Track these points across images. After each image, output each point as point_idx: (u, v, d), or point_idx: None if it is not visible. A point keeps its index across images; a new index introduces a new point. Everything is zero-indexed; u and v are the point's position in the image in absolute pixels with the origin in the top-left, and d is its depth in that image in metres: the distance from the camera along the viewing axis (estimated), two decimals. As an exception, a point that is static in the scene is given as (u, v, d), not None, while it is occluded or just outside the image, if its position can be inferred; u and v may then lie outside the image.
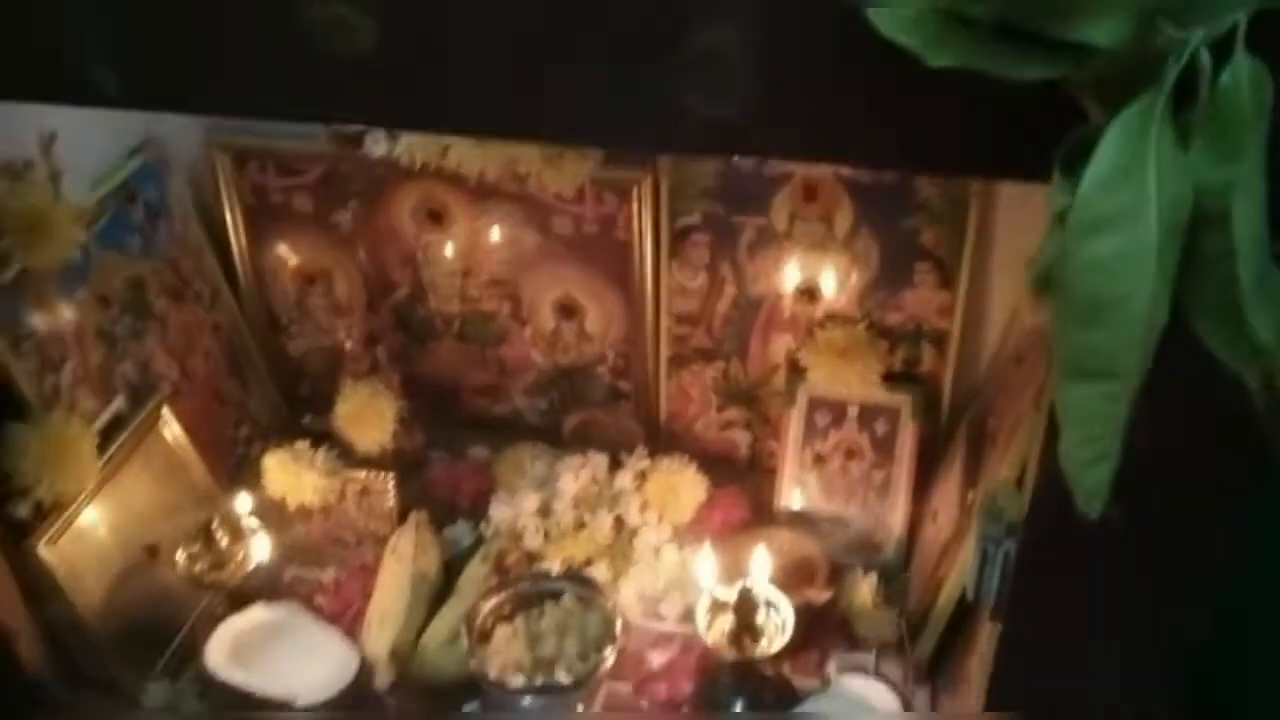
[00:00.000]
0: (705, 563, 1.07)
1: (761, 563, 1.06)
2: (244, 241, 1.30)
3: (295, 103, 0.66)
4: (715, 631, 1.04)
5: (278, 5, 0.60)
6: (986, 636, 0.97)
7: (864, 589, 1.14)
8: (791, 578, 1.11)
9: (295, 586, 1.22)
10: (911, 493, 1.19)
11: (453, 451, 1.35)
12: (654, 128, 0.62)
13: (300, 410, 1.40)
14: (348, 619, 1.17)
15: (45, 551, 1.03)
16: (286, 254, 1.31)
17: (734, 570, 1.08)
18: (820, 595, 1.11)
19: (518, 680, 1.05)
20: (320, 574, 1.24)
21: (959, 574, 1.03)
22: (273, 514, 1.21)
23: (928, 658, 1.09)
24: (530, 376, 1.34)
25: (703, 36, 0.57)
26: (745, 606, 1.03)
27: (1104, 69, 0.48)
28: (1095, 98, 0.50)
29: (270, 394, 1.38)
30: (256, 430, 1.35)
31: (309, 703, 1.04)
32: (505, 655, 1.08)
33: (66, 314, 1.09)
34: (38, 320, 1.06)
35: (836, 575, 1.16)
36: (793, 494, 1.23)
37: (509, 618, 1.12)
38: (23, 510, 1.03)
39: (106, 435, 1.11)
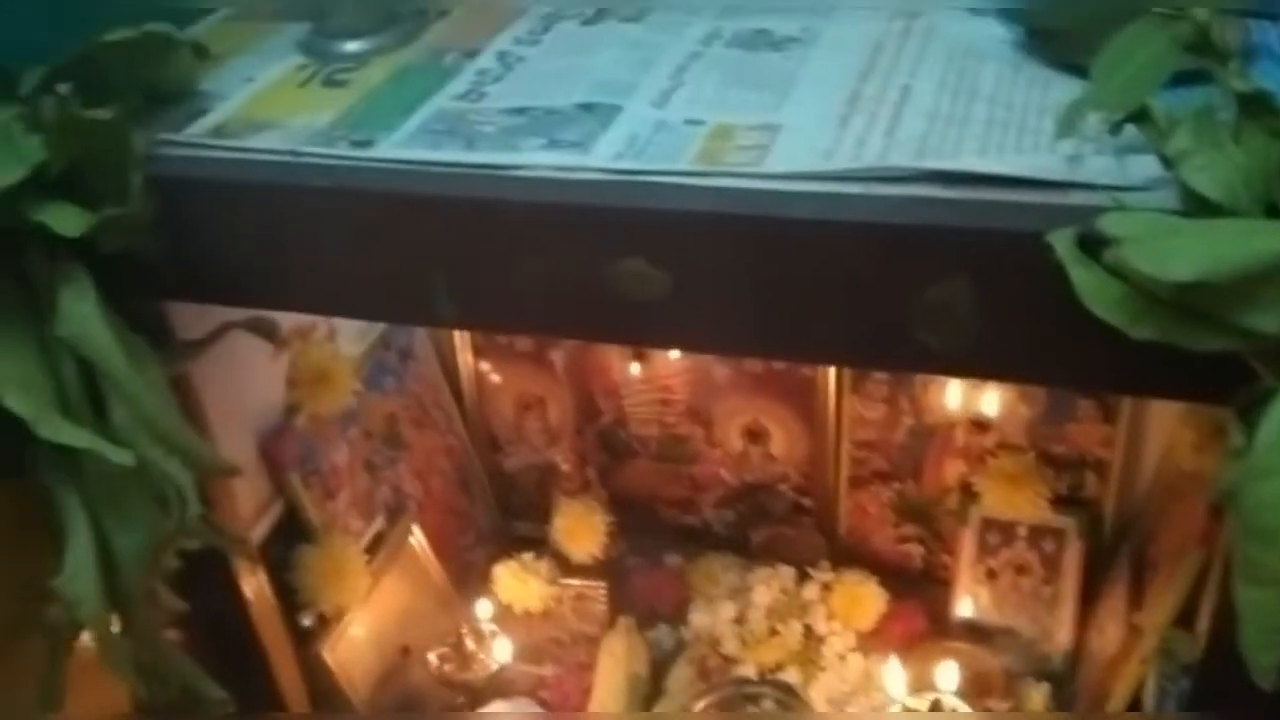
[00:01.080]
0: (894, 674, 1.20)
1: (949, 676, 1.18)
2: (472, 374, 1.49)
3: (595, 330, 0.83)
4: (905, 737, 1.17)
5: (590, 261, 0.77)
6: (1157, 749, 1.08)
7: (1036, 697, 1.25)
8: (972, 687, 1.23)
9: (519, 681, 1.38)
10: (1078, 607, 1.30)
11: (649, 558, 1.50)
12: (885, 356, 0.77)
13: (512, 517, 1.58)
14: (568, 714, 1.33)
15: (327, 656, 1.22)
16: (507, 382, 1.49)
17: (917, 676, 1.21)
18: (999, 704, 1.23)
19: (731, 768, 1.20)
20: (540, 670, 1.41)
21: (1124, 688, 1.14)
22: (500, 617, 1.39)
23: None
24: (719, 492, 1.49)
25: (935, 291, 0.72)
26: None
27: (1270, 345, 0.61)
28: (1263, 363, 0.63)
29: (490, 505, 1.56)
30: (479, 537, 1.53)
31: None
32: (717, 746, 1.23)
33: (342, 449, 1.29)
34: (321, 456, 1.25)
35: (1012, 684, 1.28)
36: (967, 605, 1.35)
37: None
38: (308, 620, 1.22)
39: (370, 551, 1.30)
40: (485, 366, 1.49)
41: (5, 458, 0.83)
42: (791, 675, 1.33)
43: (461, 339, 1.47)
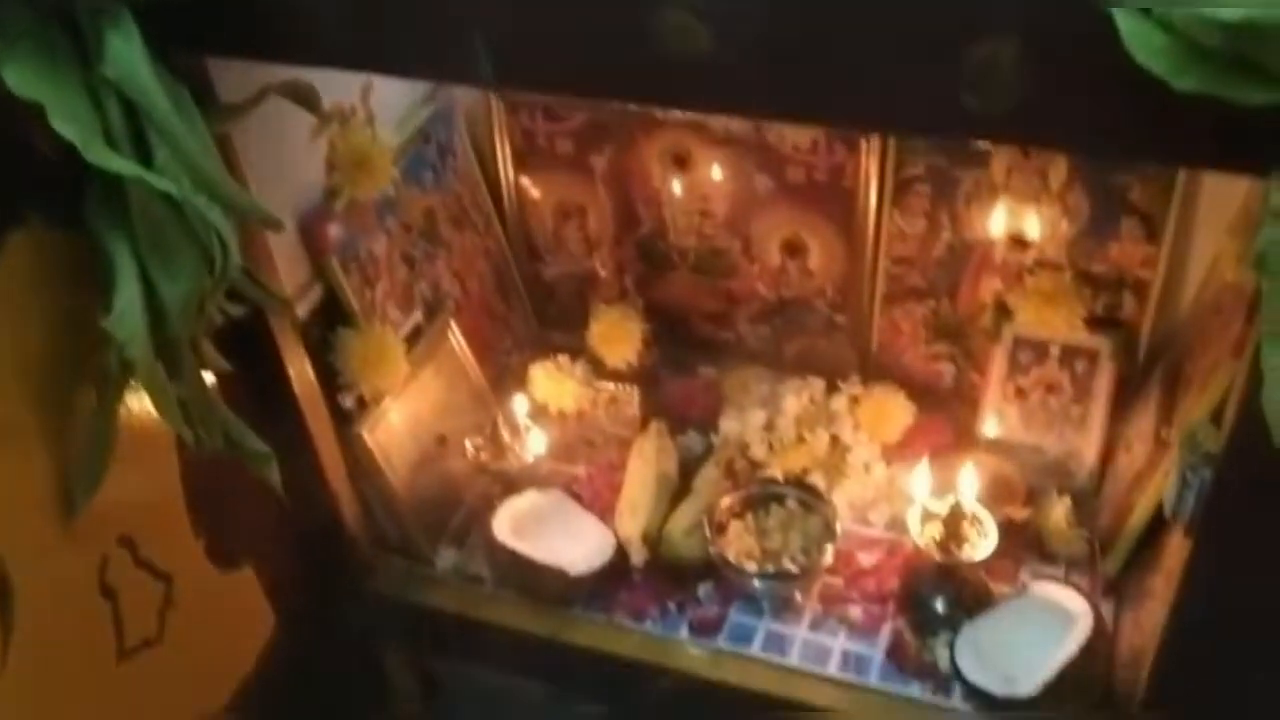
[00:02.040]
0: (920, 476, 1.22)
1: (969, 480, 1.20)
2: (512, 178, 1.49)
3: (635, 89, 0.82)
4: (925, 537, 1.20)
5: (631, 11, 0.76)
6: (1173, 556, 1.10)
7: (1058, 509, 1.27)
8: (992, 495, 1.25)
9: (552, 478, 1.42)
10: (1106, 426, 1.31)
11: (683, 370, 1.52)
12: (929, 119, 0.76)
13: (549, 326, 1.60)
14: (599, 509, 1.37)
15: (366, 436, 1.26)
16: (547, 190, 1.49)
17: (939, 487, 1.23)
18: (1019, 513, 1.25)
19: (750, 566, 1.23)
20: (574, 469, 1.45)
21: (1149, 500, 1.16)
22: (535, 416, 1.42)
23: (1115, 574, 1.22)
24: (755, 306, 1.50)
25: (980, 48, 0.71)
26: (954, 518, 1.18)
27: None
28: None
29: (526, 312, 1.58)
30: (516, 343, 1.55)
31: (578, 573, 1.24)
32: (738, 545, 1.26)
33: (380, 239, 1.30)
34: (360, 244, 1.27)
35: (1033, 496, 1.29)
36: (994, 422, 1.36)
37: (740, 514, 1.30)
38: (349, 401, 1.25)
39: (408, 342, 1.32)
40: (525, 177, 1.49)
41: (63, 209, 0.85)
42: (816, 481, 1.35)
43: (502, 145, 1.47)
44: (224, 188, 0.84)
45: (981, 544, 1.19)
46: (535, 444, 1.34)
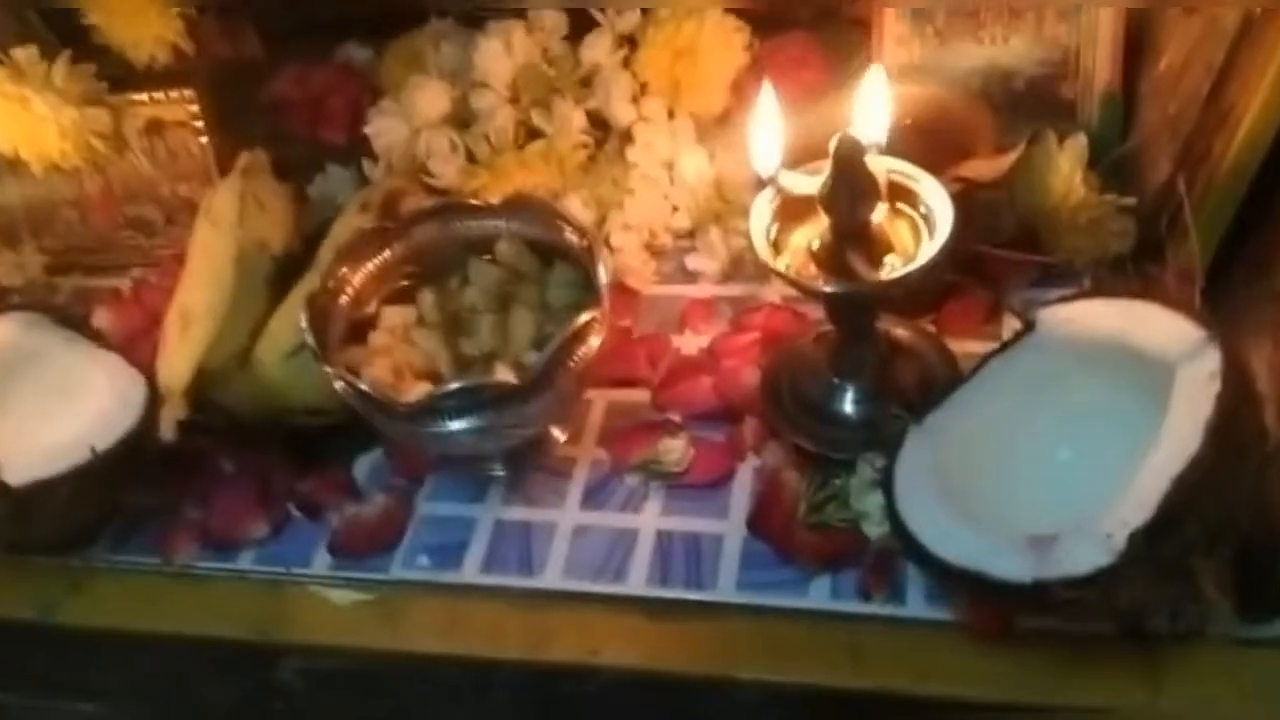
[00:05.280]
0: (763, 121, 0.53)
1: (876, 106, 0.52)
2: None
3: None
4: (795, 255, 0.52)
5: None
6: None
7: (1063, 161, 0.60)
8: (927, 154, 0.57)
9: (75, 304, 0.73)
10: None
11: (308, 58, 0.81)
12: None
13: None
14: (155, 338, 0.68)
15: None
16: None
17: (813, 149, 0.55)
18: (984, 170, 0.58)
19: (417, 393, 0.54)
20: (117, 280, 0.75)
21: (1258, 113, 0.51)
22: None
23: (1206, 267, 0.56)
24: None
25: None
26: (848, 191, 0.50)
27: None
28: None
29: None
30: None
31: (50, 474, 0.55)
32: (397, 356, 0.57)
33: None
34: None
35: (1005, 151, 0.62)
36: (902, 31, 0.68)
37: (406, 294, 0.60)
38: None
39: None
40: None
41: None
42: (573, 206, 0.67)
43: None
44: None
45: (922, 246, 0.52)
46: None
